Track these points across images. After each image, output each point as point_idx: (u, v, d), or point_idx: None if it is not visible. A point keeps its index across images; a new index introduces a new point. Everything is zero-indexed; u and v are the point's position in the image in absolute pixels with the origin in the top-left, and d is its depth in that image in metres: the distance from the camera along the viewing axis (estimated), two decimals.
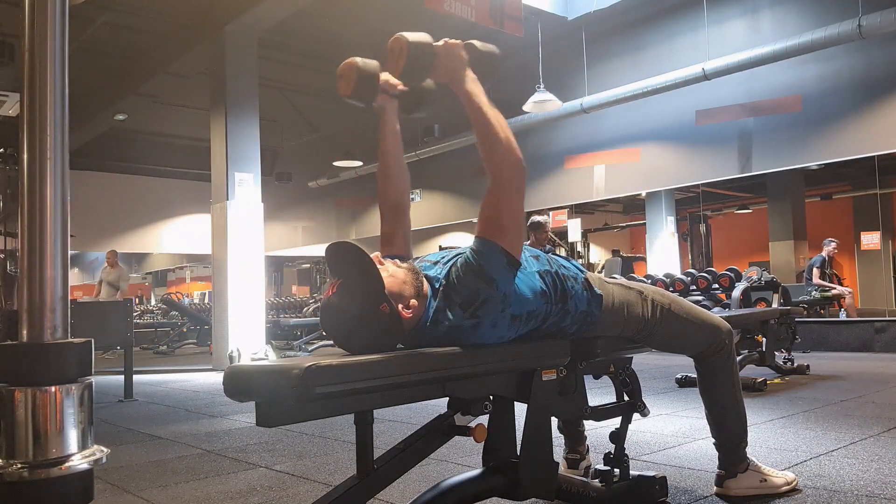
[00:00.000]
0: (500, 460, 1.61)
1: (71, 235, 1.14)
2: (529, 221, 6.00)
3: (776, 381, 4.66)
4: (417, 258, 1.75)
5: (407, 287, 1.51)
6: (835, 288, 8.68)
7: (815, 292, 8.68)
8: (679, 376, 4.60)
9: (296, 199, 14.22)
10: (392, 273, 1.52)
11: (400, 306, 1.48)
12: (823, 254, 8.86)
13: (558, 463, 1.73)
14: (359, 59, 1.74)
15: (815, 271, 8.72)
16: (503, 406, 1.62)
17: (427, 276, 1.59)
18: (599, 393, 2.05)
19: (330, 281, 1.52)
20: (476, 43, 1.70)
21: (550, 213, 10.37)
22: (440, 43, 1.64)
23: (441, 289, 1.54)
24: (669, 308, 1.85)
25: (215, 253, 7.53)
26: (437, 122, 10.13)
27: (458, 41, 1.65)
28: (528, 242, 5.71)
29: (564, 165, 9.50)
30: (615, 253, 14.15)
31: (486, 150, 1.55)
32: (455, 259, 1.58)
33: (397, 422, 3.38)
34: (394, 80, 1.79)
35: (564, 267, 1.73)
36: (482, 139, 1.56)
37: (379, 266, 1.49)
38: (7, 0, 7.11)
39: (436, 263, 1.65)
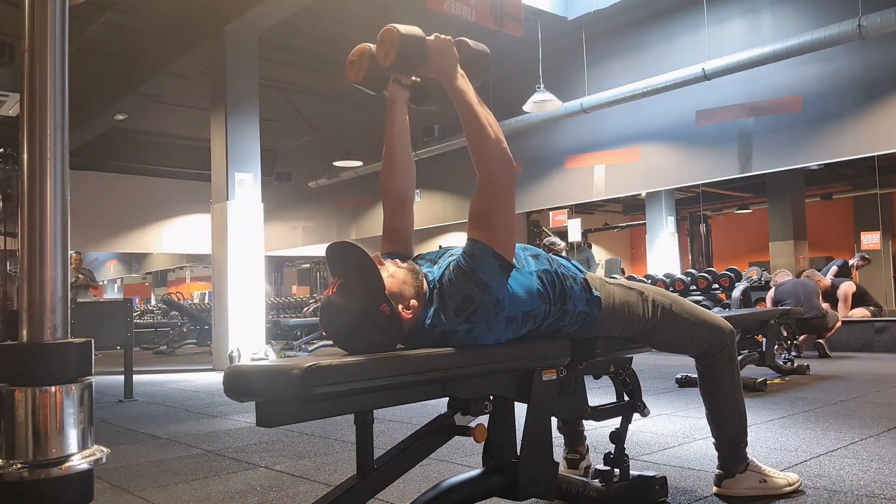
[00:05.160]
0: (500, 460, 1.61)
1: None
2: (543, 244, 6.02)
3: (776, 381, 4.66)
4: (415, 257, 1.74)
5: (407, 287, 1.51)
6: None
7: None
8: (679, 376, 4.60)
9: (296, 199, 14.21)
10: (392, 273, 1.51)
11: (400, 307, 1.48)
12: (849, 260, 9.10)
13: (558, 463, 1.73)
14: (371, 46, 1.70)
15: (834, 269, 8.80)
16: (503, 406, 1.62)
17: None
18: (599, 393, 2.05)
19: (330, 280, 1.51)
20: (468, 41, 1.67)
21: (551, 213, 10.39)
22: (431, 38, 1.61)
23: (436, 291, 1.54)
24: (670, 308, 1.85)
25: (215, 253, 7.53)
26: (437, 122, 10.12)
27: (449, 37, 1.62)
28: None
29: (564, 165, 9.49)
30: (584, 241, 13.60)
31: (477, 148, 1.54)
32: (449, 262, 1.57)
33: (397, 422, 3.37)
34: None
35: (564, 266, 1.73)
36: (472, 137, 1.54)
37: (379, 266, 1.48)
38: (7, 0, 7.11)
39: (433, 263, 1.64)
